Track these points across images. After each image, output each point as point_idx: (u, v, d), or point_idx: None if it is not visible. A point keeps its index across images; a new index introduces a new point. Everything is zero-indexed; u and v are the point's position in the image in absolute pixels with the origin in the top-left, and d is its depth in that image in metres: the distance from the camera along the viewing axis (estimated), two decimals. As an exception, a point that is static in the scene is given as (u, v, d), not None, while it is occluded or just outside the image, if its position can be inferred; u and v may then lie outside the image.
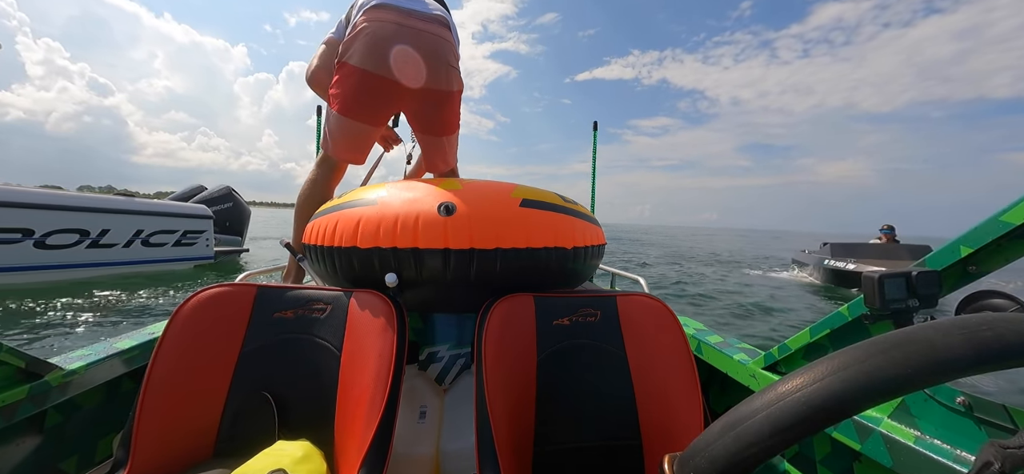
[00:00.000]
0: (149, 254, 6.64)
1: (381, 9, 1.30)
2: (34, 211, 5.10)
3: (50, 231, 5.27)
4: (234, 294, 0.89)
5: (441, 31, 1.36)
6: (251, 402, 0.83)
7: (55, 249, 5.37)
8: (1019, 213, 0.58)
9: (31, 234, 5.13)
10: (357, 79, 1.31)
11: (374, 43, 1.28)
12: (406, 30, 1.30)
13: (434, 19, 1.36)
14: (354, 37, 1.30)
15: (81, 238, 5.59)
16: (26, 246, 5.11)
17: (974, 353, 0.23)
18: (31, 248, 5.16)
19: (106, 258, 6.01)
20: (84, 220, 5.58)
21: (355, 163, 1.49)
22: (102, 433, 0.96)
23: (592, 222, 1.18)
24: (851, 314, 0.78)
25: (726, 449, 0.26)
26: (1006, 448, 0.24)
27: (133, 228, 6.33)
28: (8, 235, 4.94)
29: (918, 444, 0.66)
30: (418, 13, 1.33)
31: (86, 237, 5.64)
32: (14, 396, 0.75)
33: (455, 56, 1.43)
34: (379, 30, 1.28)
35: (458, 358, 1.25)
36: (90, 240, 5.68)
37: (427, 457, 1.03)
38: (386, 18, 1.29)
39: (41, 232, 5.20)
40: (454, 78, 1.42)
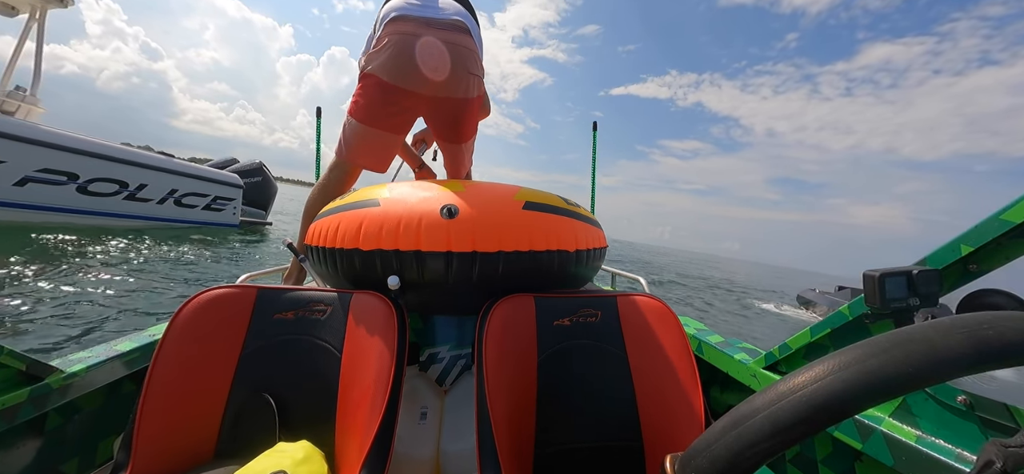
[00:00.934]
0: (180, 213, 6.86)
1: (400, 22, 1.33)
2: (81, 157, 5.32)
3: (93, 178, 5.54)
4: (235, 296, 0.89)
5: (461, 38, 1.36)
6: (252, 403, 0.83)
7: (95, 196, 5.63)
8: (1019, 211, 0.58)
9: (76, 178, 5.39)
10: (379, 89, 1.34)
11: (394, 54, 1.31)
12: (424, 41, 1.31)
13: (453, 26, 1.36)
14: (377, 50, 1.33)
15: (120, 189, 5.86)
16: (69, 189, 5.37)
17: (975, 352, 0.23)
18: (74, 192, 5.42)
19: (140, 211, 6.26)
20: (126, 172, 5.83)
21: (374, 170, 1.50)
22: (103, 435, 0.96)
23: (594, 224, 1.18)
24: (852, 313, 0.78)
25: (727, 449, 0.25)
26: (1007, 447, 0.24)
27: (169, 187, 6.56)
28: (55, 176, 5.18)
29: (919, 443, 0.66)
30: (437, 21, 1.34)
31: (125, 188, 5.90)
32: (15, 398, 0.75)
33: (476, 63, 1.42)
34: (399, 42, 1.31)
35: (459, 359, 1.25)
36: (128, 192, 5.94)
37: (428, 458, 1.03)
38: (406, 30, 1.31)
39: (85, 178, 5.47)
40: (474, 85, 1.42)
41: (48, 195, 5.25)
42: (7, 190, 4.94)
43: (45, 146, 5.05)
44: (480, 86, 1.46)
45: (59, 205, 5.35)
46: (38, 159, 5.04)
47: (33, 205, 5.16)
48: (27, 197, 5.09)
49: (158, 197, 6.37)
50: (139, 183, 6.02)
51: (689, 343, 0.93)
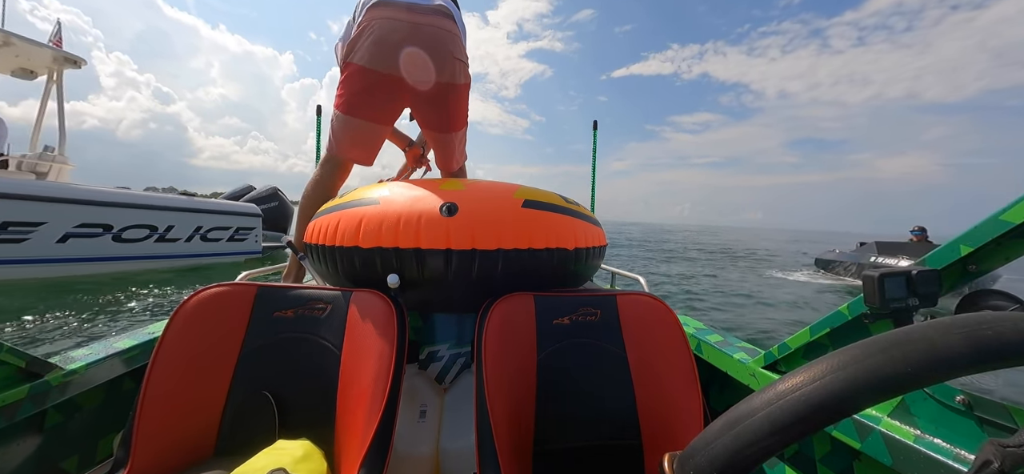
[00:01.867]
0: (206, 248, 7.39)
1: (382, 7, 1.30)
2: (113, 209, 5.84)
3: (126, 226, 6.03)
4: (234, 294, 0.89)
5: (444, 22, 1.34)
6: (251, 401, 0.83)
7: (129, 242, 6.13)
8: (1019, 212, 0.58)
9: (110, 229, 5.90)
10: (362, 78, 1.31)
11: (377, 41, 1.28)
12: (407, 25, 1.29)
13: (436, 11, 1.34)
14: (358, 37, 1.30)
15: (150, 232, 6.36)
16: (106, 240, 5.88)
17: (974, 352, 0.24)
18: (110, 241, 5.93)
19: (171, 251, 6.80)
20: (154, 217, 6.35)
21: (363, 163, 1.48)
22: (102, 433, 0.96)
23: (593, 223, 1.18)
24: (851, 313, 0.78)
25: (726, 448, 0.26)
26: (1006, 446, 0.24)
27: (194, 224, 7.08)
28: (92, 230, 5.70)
29: (918, 443, 0.66)
30: (419, 6, 1.32)
31: (155, 232, 6.41)
32: (15, 396, 0.75)
33: (460, 48, 1.40)
34: (381, 27, 1.28)
35: (458, 357, 1.26)
36: (158, 234, 6.45)
37: (427, 456, 1.03)
38: (387, 15, 1.29)
39: (118, 227, 5.96)
40: (459, 71, 1.39)
41: (87, 247, 5.74)
42: (51, 247, 5.42)
43: (81, 203, 5.55)
44: (466, 73, 1.42)
45: (98, 255, 5.85)
46: (75, 216, 5.54)
47: (75, 258, 5.64)
48: (69, 252, 5.59)
49: (186, 236, 6.89)
50: (167, 225, 6.55)
51: (688, 342, 0.93)
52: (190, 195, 7.66)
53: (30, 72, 6.39)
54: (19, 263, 5.23)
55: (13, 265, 5.17)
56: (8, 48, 5.63)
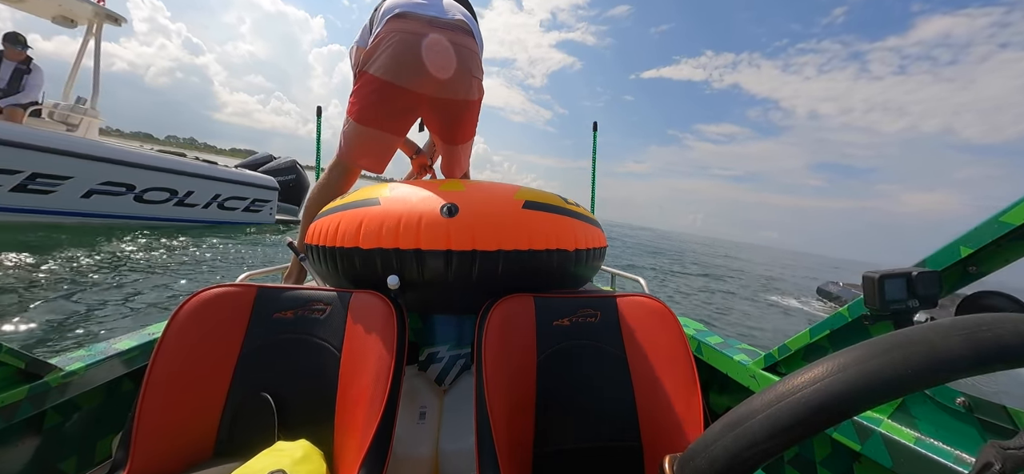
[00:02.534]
0: (222, 216, 7.65)
1: (403, 19, 1.30)
2: (137, 169, 6.05)
3: (148, 187, 6.26)
4: (234, 294, 0.89)
5: (464, 39, 1.35)
6: (251, 402, 0.83)
7: (150, 204, 6.38)
8: (1019, 214, 0.58)
9: (133, 189, 6.13)
10: (377, 88, 1.31)
11: (396, 54, 1.28)
12: (428, 41, 1.29)
13: (457, 27, 1.35)
14: (376, 46, 1.30)
15: (170, 196, 6.58)
16: (128, 199, 6.12)
17: (974, 354, 0.23)
18: (131, 200, 6.16)
19: (188, 215, 7.05)
20: (175, 181, 6.56)
21: (374, 171, 1.49)
22: (101, 433, 0.96)
23: (593, 224, 1.19)
24: (851, 315, 0.78)
25: (726, 450, 0.25)
26: (1006, 449, 0.24)
27: (213, 192, 7.31)
28: (115, 188, 5.94)
29: (918, 445, 0.66)
30: (441, 21, 1.32)
31: (174, 196, 6.63)
32: (13, 396, 0.75)
33: (478, 66, 1.41)
34: (401, 41, 1.28)
35: (458, 359, 1.26)
36: (177, 198, 6.68)
37: (427, 458, 1.03)
38: (408, 28, 1.29)
39: (140, 188, 6.20)
40: (474, 87, 1.41)
41: (110, 205, 6.00)
42: (76, 201, 5.68)
43: (107, 162, 5.77)
44: (480, 89, 1.45)
45: (119, 213, 6.11)
46: (101, 173, 5.76)
47: (98, 214, 5.91)
48: (92, 207, 5.84)
49: (203, 202, 7.09)
50: (187, 190, 6.74)
51: (688, 344, 0.93)
52: (211, 149, 7.95)
53: (70, 21, 6.44)
54: (44, 213, 5.44)
55: (38, 214, 5.41)
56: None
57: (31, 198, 5.28)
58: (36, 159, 5.13)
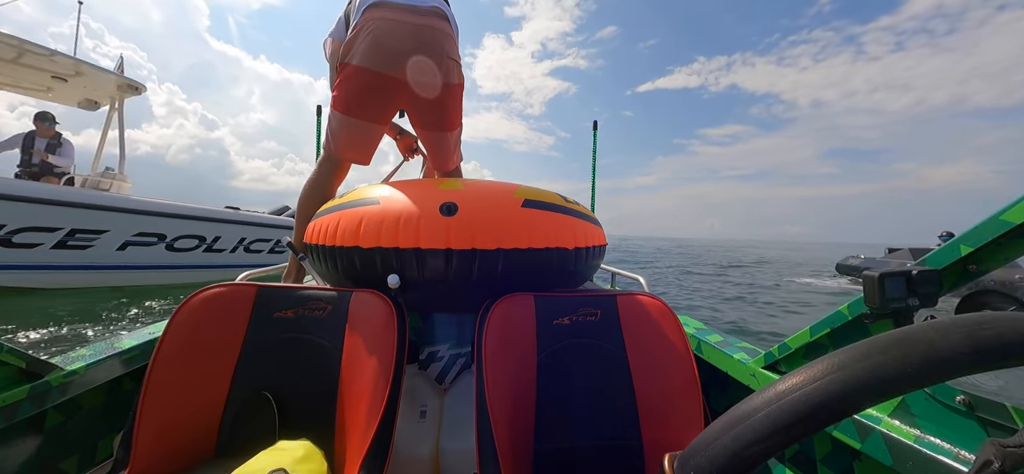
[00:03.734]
0: (249, 259, 7.81)
1: (378, 8, 1.32)
2: (167, 219, 6.28)
3: (178, 236, 6.46)
4: (234, 294, 0.89)
5: (438, 23, 1.37)
6: (252, 402, 0.83)
7: (180, 251, 6.58)
8: (1019, 212, 0.58)
9: (164, 238, 6.31)
10: (359, 78, 1.32)
11: (375, 42, 1.30)
12: (405, 26, 1.31)
13: (430, 12, 1.36)
14: (354, 37, 1.32)
15: (199, 242, 6.78)
16: (160, 248, 6.32)
17: (974, 352, 0.24)
18: (163, 250, 6.36)
19: (216, 261, 7.22)
20: (202, 228, 6.77)
21: (360, 163, 1.49)
22: (103, 433, 0.96)
23: (593, 222, 1.18)
24: (851, 313, 0.78)
25: (726, 448, 0.26)
26: (1006, 447, 0.24)
27: (239, 236, 7.51)
28: (148, 238, 6.16)
29: (918, 443, 0.66)
30: (415, 7, 1.34)
31: (203, 242, 6.83)
32: (15, 396, 0.75)
33: (454, 48, 1.42)
34: (379, 27, 1.30)
35: (458, 357, 1.26)
36: (206, 244, 6.89)
37: (427, 456, 1.03)
38: (383, 16, 1.31)
39: (171, 237, 6.38)
40: (453, 70, 1.41)
41: (144, 256, 6.21)
42: (112, 254, 5.87)
43: (139, 213, 6.00)
44: (460, 72, 1.45)
45: (152, 263, 6.33)
46: (134, 225, 6.00)
47: (132, 265, 6.13)
48: (128, 259, 6.06)
49: (231, 246, 7.35)
50: (215, 236, 6.98)
51: (689, 342, 0.93)
52: (235, 209, 8.09)
53: (94, 103, 6.87)
54: (83, 268, 5.68)
55: (78, 271, 5.62)
56: (79, 78, 5.97)
57: (71, 254, 5.50)
58: (75, 215, 5.37)
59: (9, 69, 5.47)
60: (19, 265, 5.18)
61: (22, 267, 5.21)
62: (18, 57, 5.26)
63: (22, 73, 5.64)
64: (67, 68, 5.71)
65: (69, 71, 5.78)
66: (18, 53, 5.18)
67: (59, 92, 6.30)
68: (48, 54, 5.33)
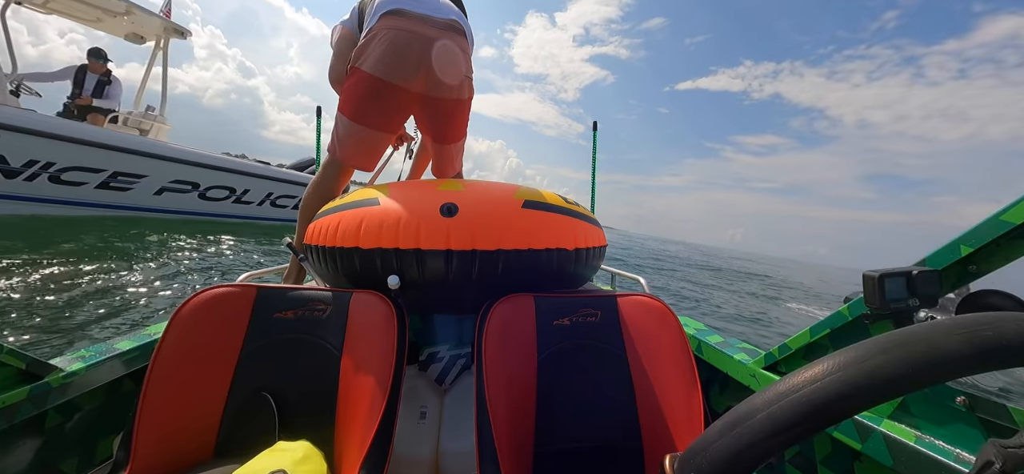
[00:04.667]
0: (274, 213, 8.25)
1: (396, 16, 1.29)
2: (201, 169, 6.67)
3: (210, 186, 6.90)
4: (234, 295, 0.89)
5: (456, 39, 1.36)
6: (251, 403, 0.83)
7: (211, 200, 7.06)
8: (1019, 212, 0.58)
9: (197, 186, 6.77)
10: (370, 86, 1.30)
11: (388, 51, 1.27)
12: (419, 37, 1.29)
13: (450, 26, 1.35)
14: (368, 42, 1.29)
15: (230, 194, 7.24)
16: (193, 196, 6.80)
17: (974, 353, 0.23)
18: (196, 197, 6.85)
19: (244, 212, 7.68)
20: (234, 180, 7.19)
21: (364, 169, 1.49)
22: (102, 434, 0.96)
23: (593, 223, 1.19)
24: (851, 314, 0.78)
25: (726, 449, 0.25)
26: (1006, 447, 0.24)
27: (266, 191, 7.91)
28: (182, 186, 6.60)
29: (919, 444, 0.66)
30: (434, 20, 1.32)
31: (233, 193, 7.29)
32: (14, 397, 0.75)
33: (467, 64, 1.42)
34: (394, 37, 1.27)
35: (458, 358, 1.25)
36: (235, 196, 7.33)
37: (427, 457, 1.03)
38: (400, 26, 1.28)
39: (204, 186, 6.84)
40: (465, 87, 1.42)
41: (179, 201, 6.67)
42: (150, 198, 6.37)
43: (176, 162, 6.38)
44: (470, 89, 1.45)
45: (186, 209, 6.83)
46: (171, 173, 6.42)
47: (168, 209, 6.63)
48: (163, 203, 6.56)
49: (258, 200, 7.74)
50: (244, 188, 7.37)
51: (689, 343, 0.93)
52: (265, 163, 8.36)
53: (140, 37, 7.08)
54: (123, 208, 6.18)
55: (117, 211, 6.13)
56: (128, 16, 6.30)
57: (113, 195, 5.97)
58: (117, 159, 5.76)
59: (64, 0, 5.78)
60: (66, 200, 5.62)
61: (68, 202, 5.65)
62: None
63: (74, 4, 5.92)
64: (118, 7, 6.07)
65: (119, 9, 6.11)
66: None
67: (108, 23, 6.57)
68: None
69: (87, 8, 6.04)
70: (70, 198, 5.66)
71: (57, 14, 6.27)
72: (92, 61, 5.79)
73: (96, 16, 6.30)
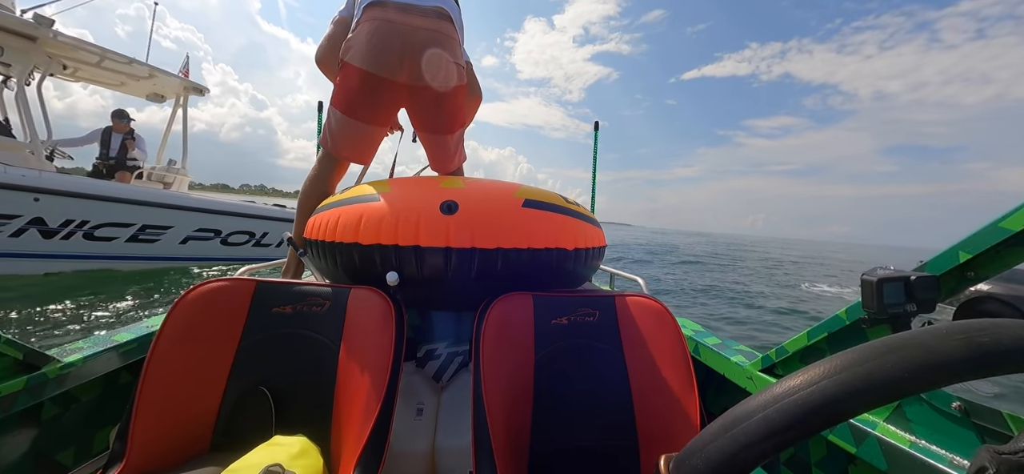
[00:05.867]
0: None
1: (378, 7, 1.30)
2: (222, 217, 7.11)
3: (232, 231, 7.28)
4: (232, 288, 0.89)
5: (439, 24, 1.34)
6: (249, 396, 0.83)
7: (233, 246, 7.38)
8: (1018, 220, 0.58)
9: (219, 233, 7.15)
10: (358, 79, 1.31)
11: (373, 43, 1.28)
12: (404, 27, 1.29)
13: (431, 12, 1.34)
14: (355, 35, 1.30)
15: (249, 238, 7.60)
16: (215, 242, 7.15)
17: (971, 358, 0.23)
18: (218, 244, 7.19)
19: (264, 254, 7.94)
20: (252, 225, 7.57)
21: (358, 162, 1.48)
22: (99, 425, 0.96)
23: (593, 223, 1.19)
24: (849, 318, 0.78)
25: (722, 450, 0.26)
26: (1001, 453, 0.24)
27: (282, 232, 8.19)
28: (206, 234, 6.99)
29: (913, 448, 0.66)
30: (415, 7, 1.32)
31: (253, 237, 7.63)
32: (11, 388, 0.75)
33: (456, 50, 1.40)
34: (377, 29, 1.28)
35: (456, 356, 1.26)
36: (255, 240, 7.67)
37: (423, 453, 1.03)
38: (383, 16, 1.29)
39: (226, 232, 7.20)
40: (454, 73, 1.39)
41: (203, 249, 7.04)
42: (176, 247, 6.74)
43: (199, 211, 6.83)
44: (462, 75, 1.42)
45: (210, 256, 7.20)
46: (195, 222, 6.82)
47: (193, 257, 7.01)
48: (189, 252, 6.94)
49: (276, 242, 8.10)
50: (263, 232, 7.79)
51: (686, 344, 0.93)
52: (278, 193, 8.80)
53: (161, 96, 7.67)
54: (151, 259, 6.55)
55: (147, 261, 6.53)
56: (151, 79, 6.94)
57: (142, 246, 6.40)
58: (144, 213, 6.22)
59: (90, 70, 6.42)
60: (99, 255, 6.04)
61: (101, 257, 6.07)
62: (100, 62, 6.15)
63: (101, 73, 6.58)
64: (141, 72, 6.65)
65: (143, 74, 6.71)
66: (100, 58, 6.06)
67: (131, 86, 7.20)
68: (127, 61, 6.29)
69: (112, 74, 6.67)
70: (103, 253, 6.06)
71: (84, 81, 6.92)
72: (116, 122, 6.46)
73: (120, 81, 6.95)
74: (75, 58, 6.01)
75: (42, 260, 5.61)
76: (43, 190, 5.31)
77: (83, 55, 5.91)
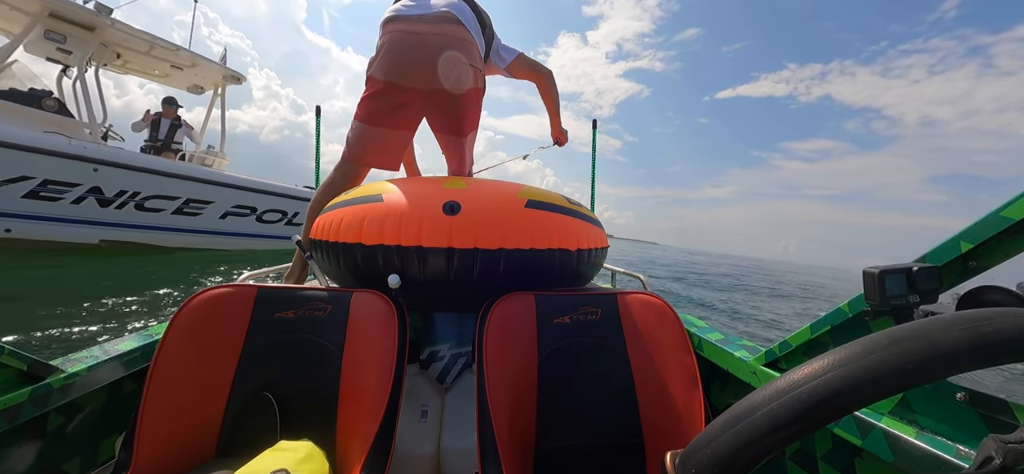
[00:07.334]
0: None
1: (395, 21, 1.40)
2: (258, 195, 7.55)
3: (266, 209, 7.73)
4: (235, 295, 0.89)
5: (450, 29, 1.39)
6: (253, 402, 0.83)
7: (267, 223, 7.83)
8: (1020, 208, 0.58)
9: (255, 211, 7.61)
10: (375, 88, 1.40)
11: (389, 54, 1.37)
12: (417, 36, 1.36)
13: (443, 17, 1.39)
14: (377, 51, 1.41)
15: (282, 217, 8.03)
16: (251, 219, 7.62)
17: (975, 348, 0.23)
18: (254, 221, 7.66)
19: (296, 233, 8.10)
20: (285, 204, 7.99)
21: (387, 168, 1.54)
22: (104, 435, 0.96)
23: (595, 224, 1.19)
24: (852, 310, 0.78)
25: (727, 446, 0.26)
26: (1007, 442, 0.24)
27: None
28: (243, 210, 7.43)
29: (919, 439, 0.66)
30: (428, 17, 1.39)
31: (285, 216, 8.06)
32: (16, 398, 0.75)
33: (471, 52, 1.43)
34: (392, 41, 1.37)
35: (459, 357, 1.26)
36: (287, 219, 8.10)
37: (429, 456, 1.03)
38: (397, 28, 1.38)
39: (261, 210, 7.66)
40: (468, 75, 1.42)
41: (239, 224, 7.47)
42: (216, 222, 7.18)
43: (237, 188, 7.26)
44: (478, 77, 1.46)
45: (246, 232, 7.62)
46: (234, 199, 7.26)
47: (230, 232, 7.43)
48: (226, 227, 7.36)
49: None
50: (294, 211, 8.14)
51: (689, 340, 0.93)
52: (312, 187, 8.83)
53: (200, 88, 8.20)
54: (193, 232, 7.02)
55: (189, 234, 6.98)
56: (193, 68, 7.39)
57: (185, 219, 6.84)
58: (189, 187, 6.70)
59: (139, 59, 6.94)
60: (148, 225, 6.54)
61: (150, 227, 6.57)
62: (149, 50, 6.61)
63: (149, 62, 7.09)
64: (186, 60, 7.12)
65: (187, 62, 7.20)
66: (150, 46, 6.53)
67: (173, 78, 7.72)
68: (174, 49, 6.73)
69: (160, 63, 7.13)
70: (151, 223, 6.54)
71: (132, 73, 7.52)
72: (166, 108, 6.97)
73: (165, 71, 7.43)
74: (127, 45, 6.47)
75: (98, 228, 6.10)
76: (102, 161, 5.81)
77: (135, 43, 6.40)
